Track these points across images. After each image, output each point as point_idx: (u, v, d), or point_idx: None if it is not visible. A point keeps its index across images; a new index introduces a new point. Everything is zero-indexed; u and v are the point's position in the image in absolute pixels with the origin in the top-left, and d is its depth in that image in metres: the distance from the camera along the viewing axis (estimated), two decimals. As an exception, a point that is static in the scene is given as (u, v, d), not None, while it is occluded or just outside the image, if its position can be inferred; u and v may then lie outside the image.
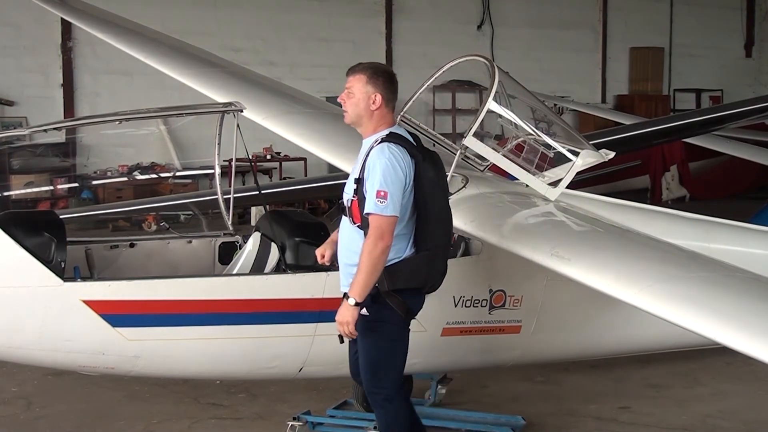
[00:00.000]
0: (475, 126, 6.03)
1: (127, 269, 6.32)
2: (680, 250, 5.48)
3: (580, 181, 6.83)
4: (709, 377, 7.67)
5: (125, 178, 16.66)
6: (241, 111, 6.29)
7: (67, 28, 16.65)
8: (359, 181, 4.87)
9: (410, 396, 6.30)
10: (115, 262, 6.38)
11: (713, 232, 6.94)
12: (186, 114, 6.61)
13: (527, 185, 6.30)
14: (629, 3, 24.27)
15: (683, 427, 6.68)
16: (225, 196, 6.83)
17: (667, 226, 6.65)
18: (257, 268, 6.12)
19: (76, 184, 16.32)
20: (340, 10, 19.84)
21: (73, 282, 5.52)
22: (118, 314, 5.51)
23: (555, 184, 6.29)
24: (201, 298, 5.70)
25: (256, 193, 9.92)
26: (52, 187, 15.82)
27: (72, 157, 16.55)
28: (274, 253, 6.02)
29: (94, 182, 16.23)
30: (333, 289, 5.30)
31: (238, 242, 6.62)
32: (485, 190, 6.19)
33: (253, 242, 6.31)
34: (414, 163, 4.89)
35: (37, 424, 6.61)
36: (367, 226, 4.80)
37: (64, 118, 15.68)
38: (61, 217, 6.08)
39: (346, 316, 4.80)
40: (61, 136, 15.69)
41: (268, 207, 8.20)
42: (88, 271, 6.07)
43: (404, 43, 20.62)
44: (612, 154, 6.52)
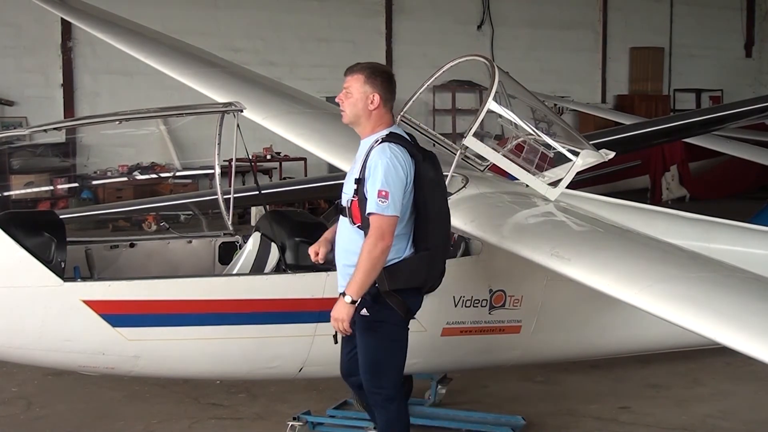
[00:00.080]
0: (475, 126, 6.03)
1: (127, 269, 6.32)
2: (680, 250, 5.48)
3: (580, 181, 6.83)
4: (709, 377, 7.66)
5: (125, 178, 16.65)
6: (241, 111, 6.29)
7: (67, 28, 16.64)
8: (359, 182, 4.86)
9: (410, 396, 6.32)
10: (115, 262, 6.37)
11: (713, 232, 6.93)
12: (186, 114, 6.60)
13: (527, 185, 6.30)
14: (629, 3, 24.26)
15: (683, 427, 6.68)
16: (225, 196, 6.83)
17: (667, 226, 6.65)
18: (257, 268, 6.12)
19: (76, 184, 16.31)
20: (340, 10, 19.83)
21: (73, 282, 5.51)
22: (118, 314, 5.51)
23: (555, 184, 6.29)
24: (201, 298, 5.70)
25: (256, 193, 9.90)
26: (52, 187, 15.81)
27: (72, 157, 16.53)
28: (274, 253, 6.02)
29: (94, 182, 16.22)
30: (333, 289, 5.28)
31: (238, 242, 6.62)
32: (485, 190, 6.19)
33: (253, 242, 6.31)
34: (414, 163, 4.89)
35: (37, 424, 6.61)
36: (367, 226, 4.80)
37: (64, 118, 15.67)
38: (61, 217, 6.08)
39: (342, 313, 4.81)
40: (61, 136, 15.68)
41: (268, 207, 8.19)
42: (88, 271, 6.07)
43: (404, 43, 20.61)
44: (612, 154, 6.52)
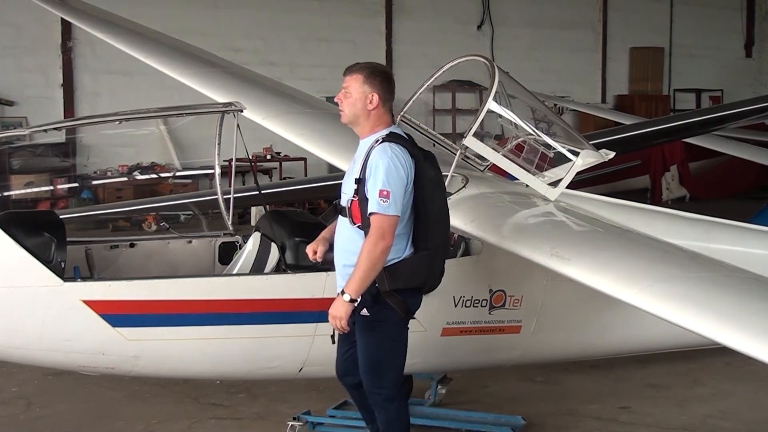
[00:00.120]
0: (475, 126, 6.03)
1: (127, 269, 6.32)
2: (680, 250, 5.48)
3: (580, 181, 6.83)
4: (709, 377, 7.66)
5: (125, 178, 16.65)
6: (241, 111, 6.28)
7: (67, 28, 16.64)
8: (360, 182, 4.86)
9: (410, 396, 6.32)
10: (115, 262, 6.37)
11: (713, 232, 6.93)
12: (186, 114, 6.60)
13: (527, 185, 6.30)
14: (629, 3, 24.27)
15: (683, 427, 6.68)
16: (225, 196, 6.83)
17: (667, 226, 6.65)
18: (257, 268, 6.12)
19: (76, 184, 16.31)
20: (340, 10, 19.83)
21: (73, 282, 5.51)
22: (118, 314, 5.51)
23: (555, 184, 6.29)
24: (201, 298, 5.70)
25: (256, 193, 9.90)
26: (52, 187, 15.82)
27: (72, 157, 16.53)
28: (274, 253, 6.01)
29: (94, 182, 16.22)
30: (333, 289, 5.28)
31: (238, 242, 6.62)
32: (485, 190, 6.18)
33: (253, 242, 6.30)
34: (414, 163, 4.89)
35: (37, 424, 6.61)
36: (367, 226, 4.80)
37: (64, 118, 15.68)
38: (61, 217, 6.08)
39: (340, 311, 4.82)
40: (61, 136, 15.69)
41: (268, 207, 8.19)
42: (88, 271, 6.07)
43: (404, 43, 20.61)
44: (612, 154, 6.52)
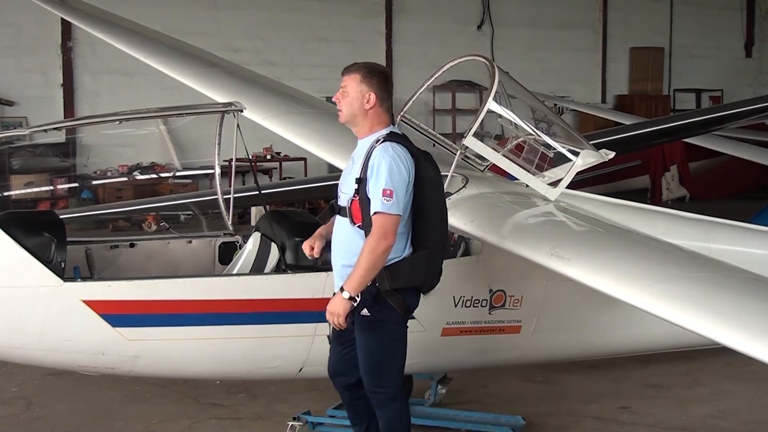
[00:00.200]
0: (475, 126, 6.03)
1: (127, 269, 6.32)
2: (680, 250, 5.47)
3: (580, 181, 6.83)
4: (709, 377, 7.67)
5: (125, 178, 16.66)
6: (241, 111, 6.28)
7: (67, 28, 16.65)
8: (360, 181, 4.86)
9: (410, 396, 6.32)
10: (115, 262, 6.37)
11: (713, 232, 6.93)
12: (186, 114, 6.60)
13: (527, 185, 6.30)
14: (629, 3, 24.27)
15: (683, 427, 6.68)
16: (225, 196, 6.82)
17: (667, 226, 6.65)
18: (257, 268, 6.11)
19: (76, 184, 16.32)
20: (340, 10, 19.84)
21: (73, 282, 5.51)
22: (118, 314, 5.51)
23: (555, 184, 6.28)
24: (201, 298, 5.70)
25: (256, 193, 9.90)
26: (52, 187, 15.82)
27: (72, 157, 16.54)
28: (274, 253, 6.01)
29: (94, 182, 16.23)
30: (332, 289, 5.28)
31: (238, 242, 6.61)
32: (485, 190, 6.18)
33: (253, 242, 6.30)
34: (415, 163, 4.90)
35: (37, 424, 6.61)
36: (367, 225, 4.80)
37: (64, 118, 15.68)
38: (61, 217, 6.07)
39: (338, 308, 4.82)
40: (61, 136, 15.69)
41: (268, 207, 8.19)
42: (88, 271, 6.06)
43: (404, 43, 20.62)
44: (612, 154, 6.52)
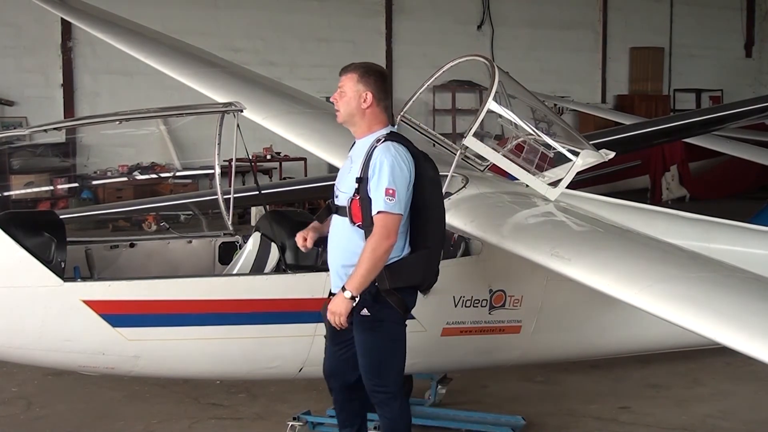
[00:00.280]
0: (475, 126, 6.03)
1: (127, 269, 6.32)
2: (680, 250, 5.47)
3: (580, 181, 6.83)
4: (709, 377, 7.67)
5: (125, 178, 16.66)
6: (241, 111, 6.28)
7: (67, 28, 16.65)
8: (361, 180, 4.86)
9: (410, 396, 6.32)
10: (115, 262, 6.37)
11: (713, 232, 6.93)
12: (186, 114, 6.60)
13: (527, 185, 6.30)
14: (629, 3, 24.27)
15: (683, 427, 6.68)
16: (225, 196, 6.82)
17: (667, 226, 6.65)
18: (257, 268, 6.11)
19: (76, 184, 16.32)
20: (340, 10, 19.84)
21: (73, 282, 5.52)
22: (118, 314, 5.51)
23: (555, 184, 6.28)
24: (201, 298, 5.70)
25: (256, 193, 9.90)
26: (52, 187, 15.82)
27: (72, 157, 16.54)
28: (274, 253, 6.01)
29: (94, 182, 16.23)
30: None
31: (238, 242, 6.61)
32: (485, 190, 6.19)
33: (253, 242, 6.30)
34: (415, 163, 4.90)
35: (37, 424, 6.61)
36: (368, 225, 4.80)
37: (64, 118, 15.68)
38: (61, 217, 6.08)
39: (340, 307, 4.81)
40: (61, 136, 15.69)
41: (268, 207, 8.19)
42: (88, 271, 6.07)
43: (404, 43, 20.62)
44: (612, 154, 6.52)
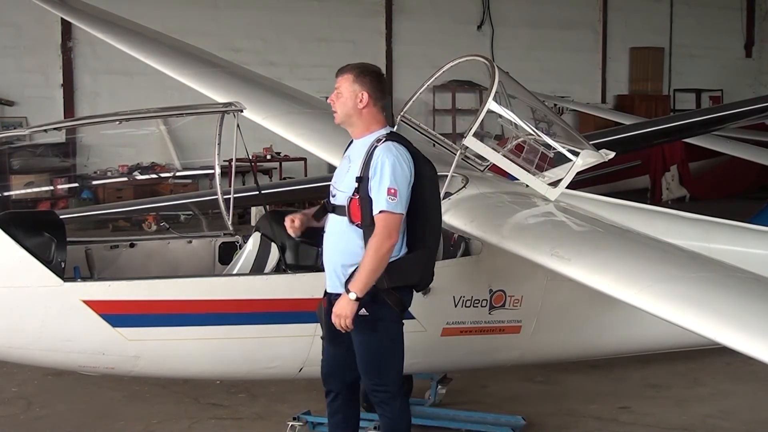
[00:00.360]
0: (475, 126, 6.03)
1: (127, 269, 6.32)
2: (680, 250, 5.48)
3: (580, 181, 6.83)
4: (709, 377, 7.67)
5: (125, 178, 16.66)
6: (241, 111, 6.28)
7: (67, 28, 16.65)
8: (361, 180, 4.86)
9: (410, 396, 6.32)
10: (115, 262, 6.37)
11: (713, 232, 6.93)
12: (186, 114, 6.60)
13: (527, 185, 6.30)
14: (629, 3, 24.26)
15: (683, 427, 6.68)
16: (225, 196, 6.82)
17: (667, 226, 6.65)
18: (257, 268, 6.11)
19: (76, 184, 16.32)
20: (340, 10, 19.83)
21: (73, 282, 5.52)
22: (118, 314, 5.51)
23: (555, 184, 6.29)
24: (201, 298, 5.70)
25: (256, 193, 9.90)
26: (52, 187, 15.82)
27: (72, 157, 16.54)
28: (274, 253, 6.01)
29: (94, 182, 16.23)
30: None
31: (238, 242, 6.61)
32: (485, 190, 6.19)
33: (253, 242, 6.30)
34: (414, 163, 4.90)
35: (37, 424, 6.61)
36: (367, 224, 4.80)
37: (64, 118, 15.68)
38: (61, 217, 6.08)
39: (346, 310, 4.79)
40: (61, 136, 15.67)
41: (268, 207, 8.19)
42: (88, 271, 6.07)
43: (404, 43, 20.61)
44: (612, 154, 6.53)
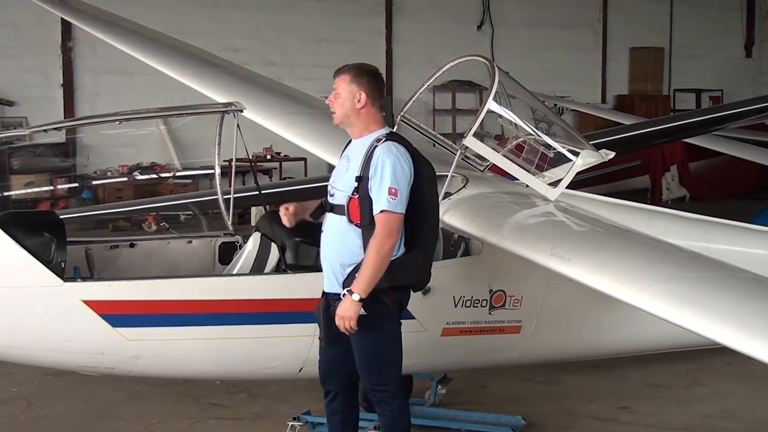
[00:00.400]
0: (475, 126, 6.03)
1: (127, 269, 6.31)
2: (680, 250, 5.47)
3: (580, 181, 6.83)
4: (709, 377, 7.67)
5: (125, 178, 16.67)
6: (241, 111, 6.28)
7: (67, 28, 16.66)
8: (361, 179, 4.86)
9: (410, 396, 6.32)
10: (115, 262, 6.37)
11: (713, 232, 6.93)
12: (186, 114, 6.59)
13: (527, 185, 6.30)
14: (629, 3, 24.26)
15: (683, 427, 6.68)
16: (225, 196, 6.82)
17: (667, 226, 6.65)
18: (257, 268, 6.11)
19: (76, 184, 16.33)
20: (340, 10, 19.84)
21: (73, 282, 5.52)
22: (118, 314, 5.51)
23: (555, 184, 6.29)
24: (201, 298, 5.70)
25: (256, 193, 9.89)
26: (52, 187, 15.82)
27: (72, 157, 16.55)
28: (274, 253, 6.02)
29: (94, 182, 16.23)
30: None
31: (238, 242, 6.61)
32: (485, 190, 6.19)
33: (253, 242, 6.30)
34: (414, 163, 4.90)
35: (37, 424, 6.61)
36: (367, 224, 4.80)
37: (64, 118, 15.68)
38: (61, 217, 6.08)
39: (350, 311, 4.78)
40: (61, 136, 15.68)
41: (268, 207, 8.19)
42: (88, 271, 6.06)
43: (404, 43, 20.61)
44: (612, 154, 6.53)
